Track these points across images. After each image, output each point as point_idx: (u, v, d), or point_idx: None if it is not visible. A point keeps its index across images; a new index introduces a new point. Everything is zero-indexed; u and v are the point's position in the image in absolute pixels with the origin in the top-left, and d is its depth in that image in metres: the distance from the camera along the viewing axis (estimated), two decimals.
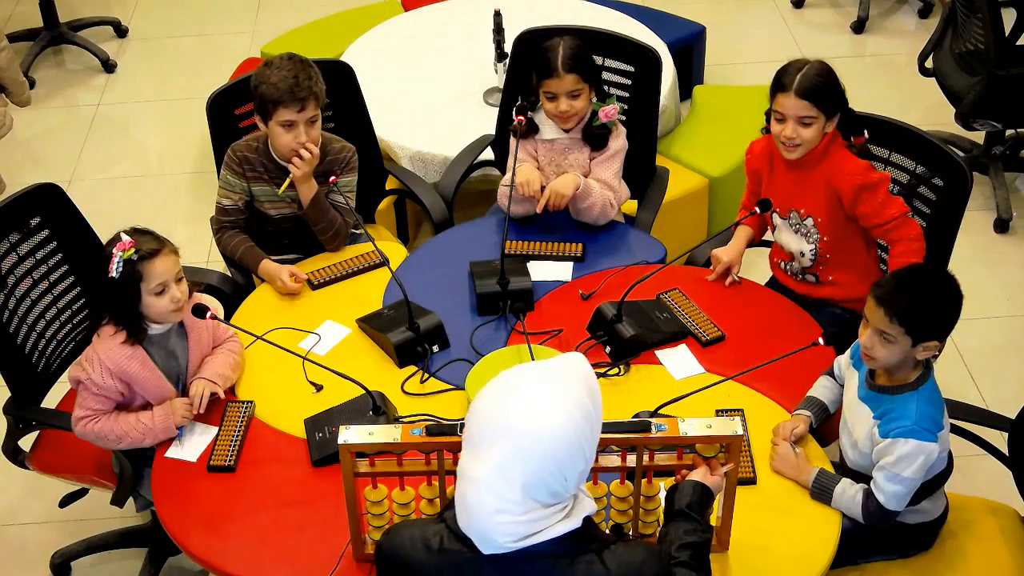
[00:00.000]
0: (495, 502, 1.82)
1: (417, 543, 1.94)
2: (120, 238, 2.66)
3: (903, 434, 2.45)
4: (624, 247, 3.30)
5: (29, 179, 3.09)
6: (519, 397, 1.84)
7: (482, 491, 1.83)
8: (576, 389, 1.86)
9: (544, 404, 1.83)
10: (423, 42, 4.64)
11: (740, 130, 4.39)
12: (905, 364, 2.51)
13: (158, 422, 2.73)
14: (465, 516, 1.86)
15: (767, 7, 5.87)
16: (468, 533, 1.87)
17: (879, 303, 2.44)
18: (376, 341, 3.00)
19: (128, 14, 6.07)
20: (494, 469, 1.81)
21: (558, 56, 3.21)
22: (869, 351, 2.49)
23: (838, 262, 3.10)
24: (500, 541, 1.84)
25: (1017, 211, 4.49)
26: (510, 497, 1.82)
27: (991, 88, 4.15)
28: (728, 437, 2.25)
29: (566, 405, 1.84)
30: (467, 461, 1.86)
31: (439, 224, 3.54)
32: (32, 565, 3.39)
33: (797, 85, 2.92)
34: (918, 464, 2.44)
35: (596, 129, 3.31)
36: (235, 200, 3.29)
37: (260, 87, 3.13)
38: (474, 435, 1.86)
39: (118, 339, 2.72)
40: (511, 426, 1.82)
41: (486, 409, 1.85)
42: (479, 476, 1.83)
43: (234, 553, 2.50)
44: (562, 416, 1.83)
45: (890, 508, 2.48)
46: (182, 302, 2.74)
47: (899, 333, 2.43)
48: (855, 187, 2.95)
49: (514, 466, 1.81)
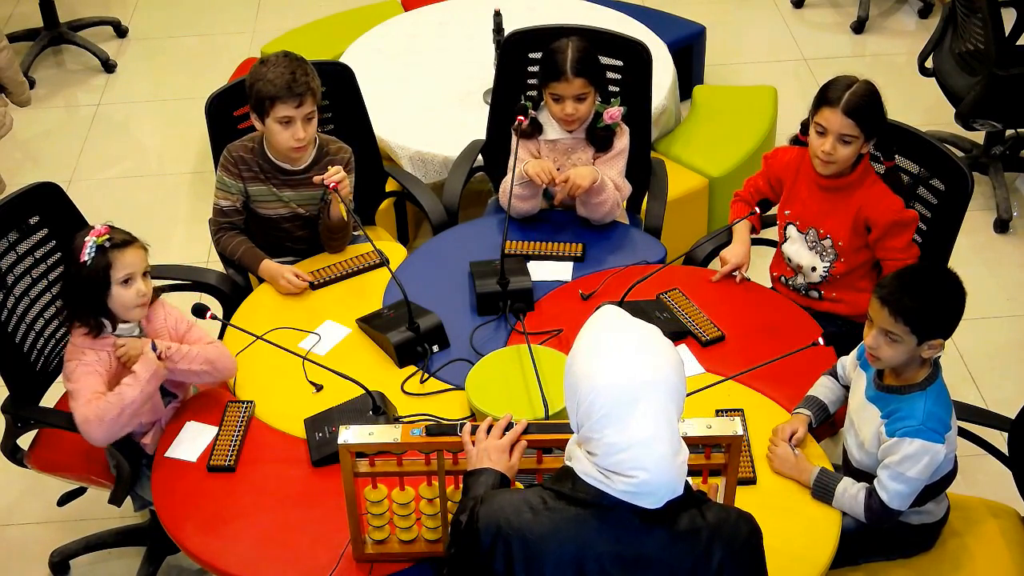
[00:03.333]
0: (669, 448, 1.88)
1: (521, 507, 1.94)
2: (93, 227, 2.69)
3: (909, 433, 2.44)
4: (624, 247, 3.30)
5: (29, 179, 3.09)
6: (636, 355, 1.89)
7: (659, 444, 1.87)
8: (641, 325, 1.96)
9: (649, 347, 1.91)
10: (423, 42, 4.64)
11: (740, 130, 4.40)
12: (911, 363, 2.50)
13: (140, 370, 2.69)
14: (647, 478, 1.87)
15: (767, 7, 5.87)
16: (654, 493, 1.88)
17: (883, 303, 2.44)
18: (376, 341, 3.00)
19: (128, 14, 6.07)
20: (654, 422, 1.87)
21: (567, 59, 3.20)
22: (874, 351, 2.49)
23: (845, 283, 3.11)
24: (680, 484, 1.91)
25: (1017, 211, 4.49)
26: (674, 437, 1.89)
27: (991, 88, 4.15)
28: (728, 437, 2.24)
29: (657, 339, 1.94)
30: (615, 436, 1.87)
31: (438, 226, 3.54)
32: (31, 564, 3.39)
33: (845, 102, 2.89)
34: (923, 464, 2.44)
35: (600, 131, 3.31)
36: (232, 201, 3.29)
37: (257, 84, 3.13)
38: (612, 410, 1.87)
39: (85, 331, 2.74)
40: (654, 379, 1.88)
41: (611, 382, 1.88)
42: (642, 436, 1.86)
43: (234, 553, 2.50)
44: (666, 348, 1.93)
45: (893, 507, 2.47)
46: (146, 297, 2.75)
47: (904, 332, 2.43)
48: (890, 222, 2.97)
49: (668, 410, 1.89)
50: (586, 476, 1.92)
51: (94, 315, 2.73)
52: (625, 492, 1.88)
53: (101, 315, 2.74)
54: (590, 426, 1.90)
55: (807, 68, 5.35)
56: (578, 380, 1.92)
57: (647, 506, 1.89)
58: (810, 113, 2.99)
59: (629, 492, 1.88)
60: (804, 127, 3.04)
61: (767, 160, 3.24)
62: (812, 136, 2.98)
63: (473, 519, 1.96)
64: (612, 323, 1.96)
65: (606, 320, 1.98)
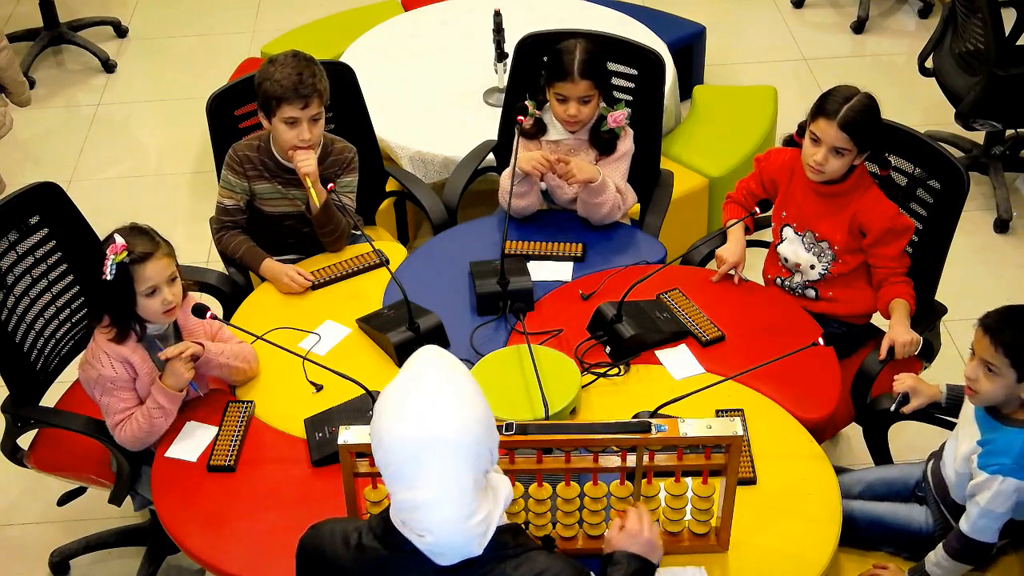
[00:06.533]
0: (457, 510, 1.82)
1: (336, 537, 1.96)
2: (114, 239, 2.66)
3: (1003, 471, 2.44)
4: (624, 247, 3.30)
5: (29, 179, 3.08)
6: (421, 411, 1.81)
7: (441, 508, 1.81)
8: (449, 373, 1.87)
9: (446, 402, 1.82)
10: (423, 42, 4.63)
11: (740, 130, 4.40)
12: (1010, 403, 2.49)
13: (162, 399, 2.74)
14: (432, 540, 1.84)
15: (767, 7, 5.86)
16: (443, 554, 1.85)
17: (986, 331, 2.44)
18: (376, 341, 3.00)
19: (128, 14, 6.07)
20: (439, 483, 1.80)
21: (574, 60, 3.19)
22: (973, 383, 2.48)
23: (842, 282, 3.10)
24: (475, 546, 1.85)
25: (1017, 211, 4.49)
26: (466, 498, 1.82)
27: (991, 88, 4.15)
28: (728, 437, 2.25)
29: (460, 390, 1.84)
30: (402, 493, 1.83)
31: (438, 226, 3.54)
32: (31, 563, 3.39)
33: (841, 116, 2.88)
34: (1013, 502, 2.45)
35: (604, 134, 3.31)
36: (236, 200, 3.29)
37: (264, 84, 3.13)
38: (399, 468, 1.82)
39: (111, 336, 2.74)
40: (436, 437, 1.79)
41: (399, 440, 1.81)
42: (430, 497, 1.81)
43: (234, 553, 2.50)
44: (468, 399, 1.84)
45: (979, 539, 2.48)
46: (173, 304, 2.74)
47: (1004, 365, 2.42)
48: (884, 230, 2.97)
49: (459, 470, 1.81)
50: (394, 520, 1.90)
51: (122, 321, 2.73)
52: (422, 547, 1.86)
53: (131, 319, 2.73)
54: (385, 477, 1.86)
55: (807, 68, 5.35)
56: (376, 425, 1.86)
57: (440, 563, 1.86)
58: (807, 119, 2.98)
59: (424, 548, 1.85)
60: (801, 129, 3.04)
61: (759, 162, 3.23)
62: (806, 143, 2.98)
63: (301, 540, 2.02)
64: (419, 370, 1.87)
65: (417, 365, 1.89)
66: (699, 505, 2.37)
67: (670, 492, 2.36)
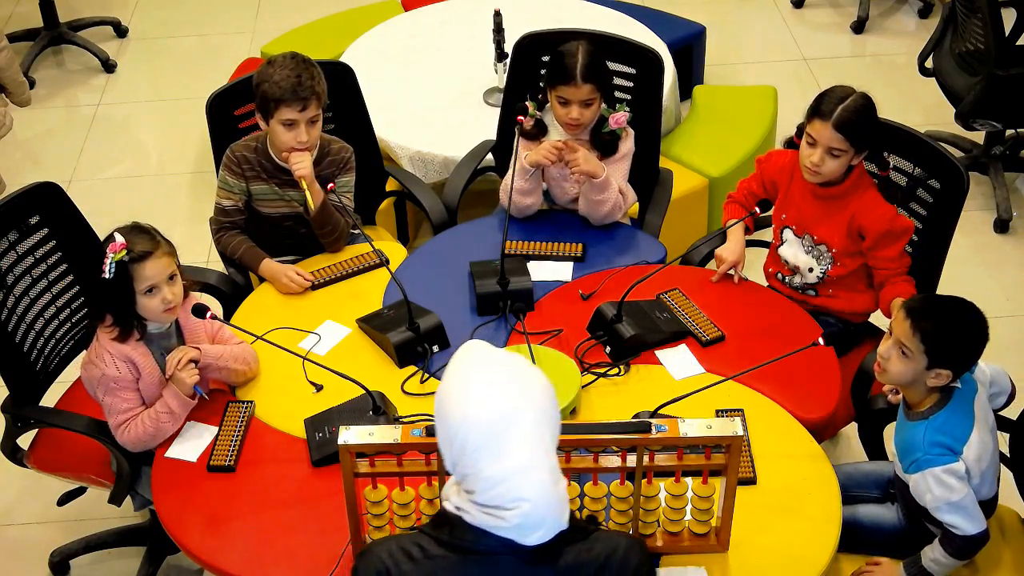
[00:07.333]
0: (548, 473, 1.83)
1: (397, 555, 1.90)
2: (114, 238, 2.66)
3: (919, 467, 2.47)
4: (624, 247, 3.30)
5: (29, 179, 3.08)
6: (501, 383, 1.84)
7: (535, 471, 1.81)
8: (507, 356, 1.91)
9: (517, 377, 1.86)
10: (423, 42, 4.63)
11: (740, 130, 4.40)
12: (916, 385, 2.51)
13: (173, 403, 2.74)
14: (529, 508, 1.81)
15: (767, 7, 5.87)
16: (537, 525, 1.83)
17: (908, 315, 2.45)
18: (376, 341, 3.00)
19: (128, 14, 6.07)
20: (530, 448, 1.82)
21: (577, 64, 3.18)
22: (884, 361, 2.51)
23: (843, 284, 3.11)
24: (563, 516, 1.85)
25: (1017, 211, 4.49)
26: (553, 461, 1.84)
27: (991, 88, 4.15)
28: (728, 437, 2.25)
29: (524, 368, 1.88)
30: (490, 468, 1.81)
31: (438, 226, 3.54)
32: (31, 563, 3.39)
33: (836, 117, 2.87)
34: (954, 481, 2.45)
35: (606, 136, 3.30)
36: (235, 201, 3.29)
37: (262, 85, 3.13)
38: (483, 442, 1.82)
39: (114, 335, 2.74)
40: (516, 407, 1.83)
41: (482, 412, 1.82)
42: (522, 461, 1.81)
43: (234, 553, 2.50)
44: (534, 376, 1.88)
45: (972, 533, 2.48)
46: (173, 303, 2.74)
47: (918, 351, 2.44)
48: (882, 232, 2.97)
49: (543, 435, 1.84)
50: (467, 517, 1.86)
51: (123, 320, 2.73)
52: (510, 529, 1.83)
53: (131, 318, 2.73)
54: (465, 461, 1.84)
55: (807, 68, 5.35)
56: (449, 416, 1.85)
57: (534, 542, 1.83)
58: (804, 120, 2.98)
59: (515, 527, 1.82)
60: (800, 131, 3.04)
61: (760, 163, 3.23)
62: (803, 145, 2.98)
63: (354, 569, 1.94)
64: (478, 358, 1.90)
65: (472, 356, 1.91)
66: (699, 505, 2.37)
67: (670, 492, 2.36)
